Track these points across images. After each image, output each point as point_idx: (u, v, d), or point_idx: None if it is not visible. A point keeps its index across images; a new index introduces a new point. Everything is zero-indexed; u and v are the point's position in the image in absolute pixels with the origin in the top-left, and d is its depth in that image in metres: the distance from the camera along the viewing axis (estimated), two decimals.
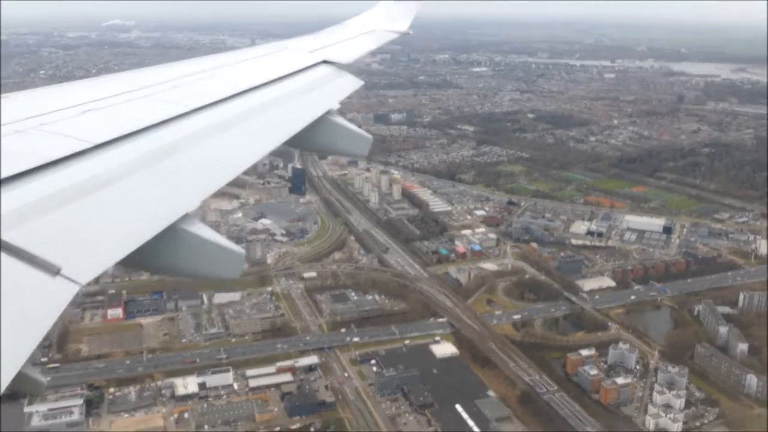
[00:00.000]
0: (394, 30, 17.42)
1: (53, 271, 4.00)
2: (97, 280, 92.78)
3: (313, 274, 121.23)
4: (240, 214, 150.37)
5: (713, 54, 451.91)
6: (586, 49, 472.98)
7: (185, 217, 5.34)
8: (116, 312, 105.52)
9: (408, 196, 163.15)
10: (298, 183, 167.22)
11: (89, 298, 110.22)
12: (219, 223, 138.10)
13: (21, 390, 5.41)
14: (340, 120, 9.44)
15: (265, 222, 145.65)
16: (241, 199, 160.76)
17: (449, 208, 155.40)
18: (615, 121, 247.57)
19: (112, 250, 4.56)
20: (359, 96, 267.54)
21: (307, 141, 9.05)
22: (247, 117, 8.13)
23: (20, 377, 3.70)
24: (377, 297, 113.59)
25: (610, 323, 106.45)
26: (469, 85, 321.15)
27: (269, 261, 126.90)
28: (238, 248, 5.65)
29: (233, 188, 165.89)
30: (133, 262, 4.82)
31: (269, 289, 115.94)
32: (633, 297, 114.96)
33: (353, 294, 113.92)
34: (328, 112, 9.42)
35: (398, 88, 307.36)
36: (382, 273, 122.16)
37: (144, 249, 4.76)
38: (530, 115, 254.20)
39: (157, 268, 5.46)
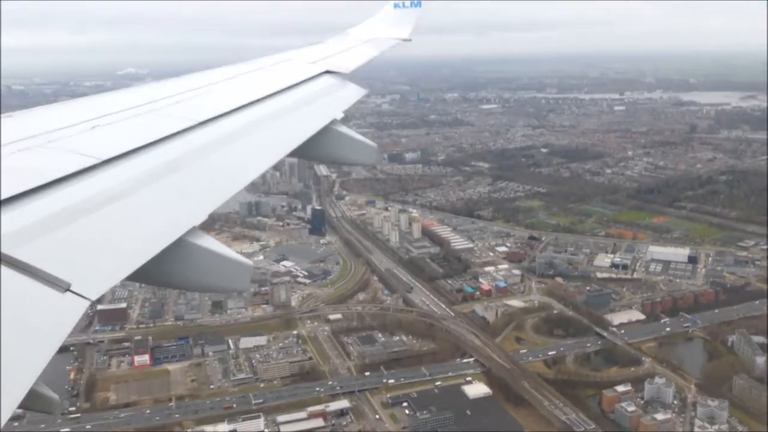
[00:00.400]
0: (395, 37, 17.41)
1: (63, 287, 4.02)
2: (122, 327, 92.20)
3: (339, 315, 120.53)
4: (261, 257, 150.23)
5: (720, 82, 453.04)
6: (593, 82, 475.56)
7: (193, 231, 5.35)
8: (143, 359, 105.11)
9: (428, 234, 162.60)
10: (318, 224, 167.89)
11: (116, 344, 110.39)
12: None
13: (34, 408, 5.36)
14: (345, 129, 9.44)
15: (287, 264, 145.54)
16: (261, 241, 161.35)
17: (470, 245, 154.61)
18: (629, 153, 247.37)
19: (121, 266, 4.60)
20: (372, 136, 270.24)
21: (313, 151, 9.04)
22: (251, 129, 8.16)
23: (33, 395, 3.71)
24: (404, 338, 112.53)
25: (643, 357, 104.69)
26: (481, 123, 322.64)
27: (293, 303, 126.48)
28: (246, 260, 5.66)
29: (253, 231, 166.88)
30: (142, 276, 4.87)
31: (295, 332, 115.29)
32: (668, 329, 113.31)
33: (380, 335, 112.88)
34: (333, 122, 9.41)
35: (410, 127, 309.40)
36: (408, 313, 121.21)
37: (152, 263, 4.80)
38: (544, 150, 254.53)
39: (166, 282, 5.46)
